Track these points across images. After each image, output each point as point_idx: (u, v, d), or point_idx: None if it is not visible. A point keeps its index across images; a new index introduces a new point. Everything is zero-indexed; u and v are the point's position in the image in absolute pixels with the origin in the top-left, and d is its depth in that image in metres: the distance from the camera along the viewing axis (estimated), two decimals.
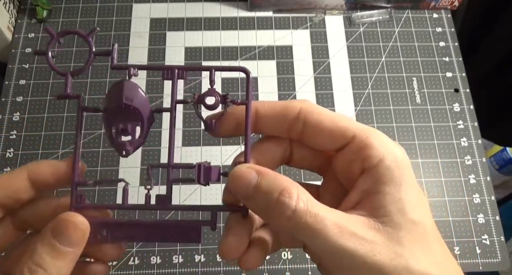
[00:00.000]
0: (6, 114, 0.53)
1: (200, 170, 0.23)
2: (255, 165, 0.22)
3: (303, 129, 0.24)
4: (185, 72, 0.25)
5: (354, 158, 0.23)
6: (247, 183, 0.21)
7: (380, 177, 0.21)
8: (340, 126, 0.23)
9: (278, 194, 0.20)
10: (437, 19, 0.61)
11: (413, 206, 0.21)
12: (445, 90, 0.57)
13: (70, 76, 0.24)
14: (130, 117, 0.23)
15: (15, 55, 0.56)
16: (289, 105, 0.24)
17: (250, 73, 0.24)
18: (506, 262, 0.48)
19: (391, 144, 0.23)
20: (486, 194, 0.51)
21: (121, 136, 0.24)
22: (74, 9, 0.60)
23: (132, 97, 0.23)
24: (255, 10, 0.60)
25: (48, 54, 0.24)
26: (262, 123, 0.24)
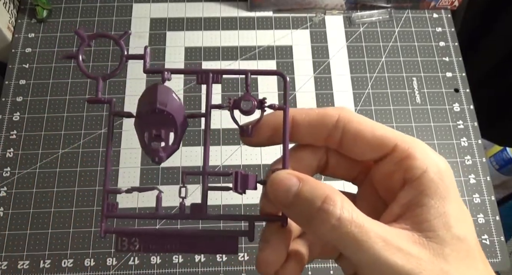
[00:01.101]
0: (6, 114, 0.53)
1: (237, 178, 0.22)
2: (295, 172, 0.21)
3: (341, 139, 0.23)
4: (220, 76, 0.24)
5: (395, 169, 0.22)
6: (287, 189, 0.20)
7: (424, 189, 0.21)
8: (380, 136, 0.22)
9: (321, 202, 0.20)
10: (437, 19, 0.61)
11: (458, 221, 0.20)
12: (445, 90, 0.57)
13: (101, 80, 0.24)
14: (163, 123, 0.23)
15: (15, 55, 0.56)
16: (327, 113, 0.23)
17: (287, 77, 0.23)
18: (506, 262, 0.48)
19: (434, 155, 0.22)
20: (486, 194, 0.51)
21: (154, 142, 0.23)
22: (74, 9, 0.60)
23: (166, 102, 0.23)
24: (255, 10, 0.60)
25: (79, 58, 0.24)
26: (298, 132, 0.24)
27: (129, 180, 0.50)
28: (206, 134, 0.23)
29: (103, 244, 0.47)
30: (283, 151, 0.23)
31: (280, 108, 0.23)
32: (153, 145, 0.23)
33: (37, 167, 0.51)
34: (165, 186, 0.50)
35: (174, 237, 0.23)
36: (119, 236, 0.23)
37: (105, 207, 0.23)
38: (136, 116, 0.23)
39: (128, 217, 0.25)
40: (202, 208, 0.23)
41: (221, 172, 0.24)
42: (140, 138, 0.23)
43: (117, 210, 0.23)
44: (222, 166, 0.51)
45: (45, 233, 0.48)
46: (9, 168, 0.50)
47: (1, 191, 0.49)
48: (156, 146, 0.23)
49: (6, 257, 0.47)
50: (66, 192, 0.50)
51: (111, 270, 0.46)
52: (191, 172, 0.24)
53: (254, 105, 0.23)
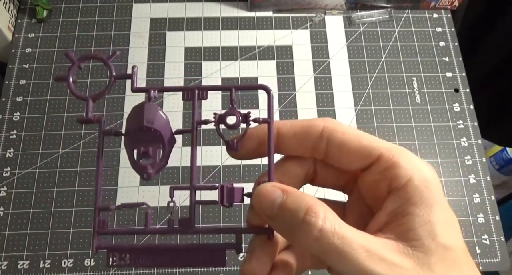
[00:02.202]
0: (6, 114, 0.53)
1: (223, 192, 0.23)
2: (279, 184, 0.22)
3: (327, 149, 0.23)
4: (205, 92, 0.24)
5: (380, 178, 0.22)
6: (271, 201, 0.21)
7: (409, 197, 0.21)
8: (365, 145, 0.22)
9: (304, 213, 0.20)
10: (437, 19, 0.61)
11: (444, 229, 0.20)
12: (445, 90, 0.57)
13: (91, 101, 0.24)
14: (151, 140, 0.23)
15: (15, 55, 0.56)
16: (312, 124, 0.23)
17: (271, 91, 0.23)
18: (506, 262, 0.48)
19: (419, 163, 0.22)
20: (486, 194, 0.51)
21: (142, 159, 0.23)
22: (74, 9, 0.60)
23: (153, 120, 0.23)
24: (255, 10, 0.60)
25: (69, 80, 0.24)
26: (284, 143, 0.24)
27: (129, 179, 0.50)
28: (193, 149, 0.24)
29: None
30: (268, 163, 0.23)
31: (265, 121, 0.23)
32: (141, 162, 0.23)
33: (37, 167, 0.51)
34: (165, 186, 0.50)
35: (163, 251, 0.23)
36: (110, 252, 0.23)
37: (96, 224, 0.24)
38: (124, 134, 0.24)
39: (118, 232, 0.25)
40: (190, 222, 0.23)
41: (208, 186, 0.24)
42: (129, 155, 0.23)
43: (108, 226, 0.24)
44: (222, 165, 0.51)
45: (45, 233, 0.48)
46: (9, 168, 0.50)
47: (1, 191, 0.49)
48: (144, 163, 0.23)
49: (6, 257, 0.47)
50: (66, 192, 0.50)
51: (111, 270, 0.46)
52: (179, 187, 0.24)
53: (239, 120, 0.23)
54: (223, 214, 0.49)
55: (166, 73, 0.56)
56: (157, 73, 0.56)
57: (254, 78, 0.56)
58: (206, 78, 0.56)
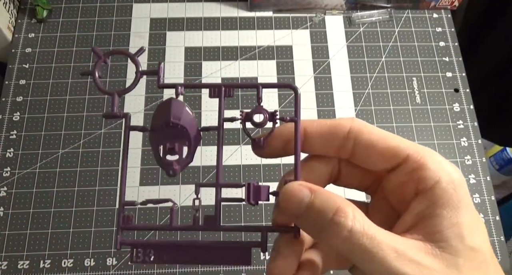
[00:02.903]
0: (6, 114, 0.53)
1: (249, 190, 0.23)
2: (307, 183, 0.22)
3: (353, 149, 0.23)
4: (232, 89, 0.24)
5: (407, 179, 0.22)
6: (299, 200, 0.21)
7: (437, 199, 0.21)
8: (392, 146, 0.22)
9: (332, 214, 0.20)
10: (437, 19, 0.61)
11: (471, 231, 0.20)
12: (445, 90, 0.57)
13: (117, 96, 0.24)
14: (177, 136, 0.23)
15: (15, 55, 0.56)
16: (338, 124, 0.23)
17: (298, 90, 0.23)
18: (506, 262, 0.48)
19: (447, 165, 0.22)
20: (486, 194, 0.51)
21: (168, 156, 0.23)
22: (74, 9, 0.60)
23: (180, 116, 0.23)
24: (255, 10, 0.60)
25: (95, 75, 0.24)
26: (310, 143, 0.24)
27: (128, 180, 0.50)
28: (219, 147, 0.24)
29: (103, 244, 0.47)
30: (294, 162, 0.23)
31: (292, 120, 0.23)
32: (167, 158, 0.23)
33: (37, 167, 0.51)
34: (164, 186, 0.50)
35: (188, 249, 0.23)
36: (135, 248, 0.23)
37: (121, 219, 0.23)
38: (150, 130, 0.24)
39: (143, 228, 0.25)
40: (215, 220, 0.23)
41: (234, 184, 0.24)
42: (155, 152, 0.24)
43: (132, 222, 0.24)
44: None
45: (45, 233, 0.48)
46: (9, 168, 0.50)
47: (1, 191, 0.49)
48: (170, 159, 0.23)
49: (6, 257, 0.47)
50: (66, 192, 0.50)
51: (111, 270, 0.46)
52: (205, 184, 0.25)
53: (266, 118, 0.23)
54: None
55: (166, 73, 0.56)
56: None
57: (254, 78, 0.56)
58: (206, 78, 0.56)
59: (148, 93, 0.55)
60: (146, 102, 0.54)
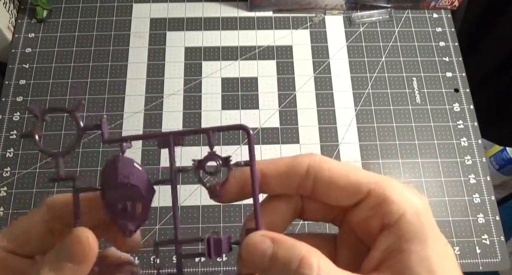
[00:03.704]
0: (6, 114, 0.53)
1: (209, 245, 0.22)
2: (269, 232, 0.21)
3: (313, 187, 0.22)
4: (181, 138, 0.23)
5: (372, 214, 0.21)
6: (262, 253, 0.20)
7: (403, 233, 0.20)
8: (353, 181, 0.22)
9: (297, 266, 0.19)
10: (437, 19, 0.61)
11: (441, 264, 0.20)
12: (445, 90, 0.57)
13: (61, 157, 0.23)
14: (128, 195, 0.22)
15: (15, 55, 0.56)
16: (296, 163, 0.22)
17: (250, 131, 0.22)
18: (506, 262, 0.48)
19: (411, 196, 0.21)
20: (486, 194, 0.51)
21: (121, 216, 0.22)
22: (74, 9, 0.60)
23: (128, 174, 0.22)
24: (255, 10, 0.60)
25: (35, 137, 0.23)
26: (268, 184, 0.23)
27: None
28: (174, 200, 0.22)
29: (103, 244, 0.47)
30: (254, 209, 0.22)
31: (247, 164, 0.22)
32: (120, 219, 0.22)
33: (37, 167, 0.51)
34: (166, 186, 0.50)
35: None
36: None
37: None
38: (100, 190, 0.22)
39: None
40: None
41: (193, 238, 0.23)
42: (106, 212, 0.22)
43: None
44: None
45: None
46: (9, 168, 0.50)
47: (1, 191, 0.49)
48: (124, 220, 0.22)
49: None
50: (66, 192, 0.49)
51: None
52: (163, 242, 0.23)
53: (219, 164, 0.22)
54: (223, 215, 0.49)
55: (166, 73, 0.56)
56: (157, 73, 0.56)
57: (254, 78, 0.56)
58: (206, 78, 0.56)
59: (148, 93, 0.55)
60: (146, 102, 0.54)
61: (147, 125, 0.53)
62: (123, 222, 0.22)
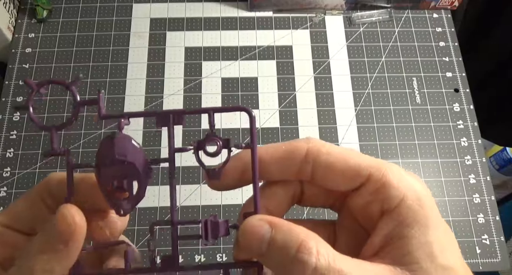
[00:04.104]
0: (6, 114, 0.53)
1: (207, 227, 0.21)
2: (267, 216, 0.20)
3: (312, 172, 0.22)
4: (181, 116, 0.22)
5: (372, 199, 0.21)
6: (259, 238, 0.19)
7: (403, 219, 0.20)
8: (352, 166, 0.21)
9: (295, 250, 0.18)
10: (437, 19, 0.61)
11: (442, 249, 0.19)
12: (445, 90, 0.57)
13: (55, 131, 0.22)
14: (125, 173, 0.22)
15: (15, 55, 0.56)
16: (295, 148, 0.22)
17: (253, 113, 0.22)
18: (506, 262, 0.48)
19: (411, 180, 0.21)
20: (486, 194, 0.51)
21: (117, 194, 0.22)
22: (74, 9, 0.60)
23: (125, 152, 0.21)
24: (255, 10, 0.60)
25: (29, 109, 0.22)
26: (267, 170, 0.22)
27: None
28: (172, 180, 0.22)
29: None
30: (253, 193, 0.21)
31: (247, 147, 0.21)
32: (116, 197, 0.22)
33: (37, 167, 0.51)
34: (165, 186, 0.50)
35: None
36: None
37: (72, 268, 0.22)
38: (95, 167, 0.22)
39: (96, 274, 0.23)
40: (173, 260, 0.22)
41: (190, 221, 0.22)
42: (102, 190, 0.22)
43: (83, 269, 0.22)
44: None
45: None
46: (9, 168, 0.50)
47: (1, 191, 0.49)
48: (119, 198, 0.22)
49: None
50: None
51: None
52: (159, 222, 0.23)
53: (220, 146, 0.22)
54: (223, 215, 0.49)
55: (166, 73, 0.56)
56: (157, 73, 0.56)
57: (254, 78, 0.56)
58: (206, 78, 0.56)
59: (148, 93, 0.55)
60: (146, 102, 0.54)
61: (148, 126, 0.53)
62: (118, 200, 0.22)
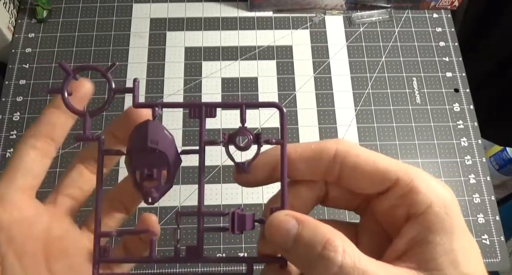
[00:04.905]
0: (6, 114, 0.53)
1: (234, 219, 0.21)
2: (294, 212, 0.20)
3: (340, 173, 0.22)
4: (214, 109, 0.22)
5: (398, 203, 0.21)
6: (286, 233, 0.19)
7: (429, 225, 0.20)
8: (381, 169, 0.21)
9: (321, 247, 0.19)
10: (437, 19, 0.61)
11: (466, 257, 0.19)
12: (445, 90, 0.57)
13: (89, 117, 0.23)
14: (155, 162, 0.22)
15: (15, 55, 0.56)
16: (324, 148, 0.22)
17: (284, 109, 0.22)
18: (506, 262, 0.48)
19: (439, 187, 0.21)
20: (486, 194, 0.51)
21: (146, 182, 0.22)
22: (74, 9, 0.60)
23: (157, 140, 0.21)
24: (255, 10, 0.60)
25: (64, 93, 0.22)
26: (295, 168, 0.22)
27: None
28: (201, 172, 0.22)
29: None
30: (281, 188, 0.22)
31: (278, 143, 0.22)
32: (145, 185, 0.22)
33: None
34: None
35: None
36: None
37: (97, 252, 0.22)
38: (126, 154, 0.22)
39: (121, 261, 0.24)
40: (198, 250, 0.22)
41: (217, 212, 0.23)
42: (131, 176, 0.22)
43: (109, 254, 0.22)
44: (222, 165, 0.51)
45: None
46: None
47: None
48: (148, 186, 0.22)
49: None
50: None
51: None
52: (186, 213, 0.23)
53: (250, 140, 0.22)
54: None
55: (166, 73, 0.56)
56: (157, 73, 0.56)
57: (254, 78, 0.56)
58: (206, 78, 0.56)
59: (148, 93, 0.55)
60: None
61: None
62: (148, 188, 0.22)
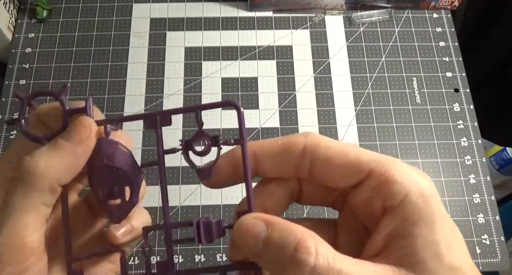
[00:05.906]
0: (6, 114, 0.53)
1: (199, 229, 0.20)
2: (262, 214, 0.19)
3: (311, 167, 0.21)
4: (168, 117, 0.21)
5: (373, 195, 0.20)
6: (255, 237, 0.18)
7: (407, 216, 0.19)
8: (352, 161, 0.20)
9: (293, 249, 0.17)
10: (437, 19, 0.61)
11: (449, 248, 0.18)
12: (445, 90, 0.57)
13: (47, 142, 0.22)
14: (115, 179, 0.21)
15: (15, 55, 0.56)
16: (292, 142, 0.21)
17: (241, 108, 0.21)
18: (506, 262, 0.48)
19: (415, 175, 0.20)
20: (486, 194, 0.51)
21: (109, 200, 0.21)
22: (74, 9, 0.60)
23: (113, 156, 0.21)
24: (255, 10, 0.60)
25: (21, 122, 0.22)
26: (262, 166, 0.21)
27: None
28: (163, 183, 0.21)
29: None
30: (246, 190, 0.20)
31: (237, 143, 0.21)
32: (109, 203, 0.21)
33: None
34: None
35: None
36: None
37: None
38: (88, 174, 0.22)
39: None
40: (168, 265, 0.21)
41: (183, 223, 0.21)
42: (95, 196, 0.22)
43: None
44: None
45: None
46: None
47: None
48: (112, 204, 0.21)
49: None
50: None
51: None
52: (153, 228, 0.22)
53: (208, 144, 0.21)
54: (223, 214, 0.49)
55: (166, 73, 0.56)
56: (157, 73, 0.56)
57: (254, 78, 0.56)
58: (206, 78, 0.56)
59: (148, 93, 0.55)
60: (146, 102, 0.54)
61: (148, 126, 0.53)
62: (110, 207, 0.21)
